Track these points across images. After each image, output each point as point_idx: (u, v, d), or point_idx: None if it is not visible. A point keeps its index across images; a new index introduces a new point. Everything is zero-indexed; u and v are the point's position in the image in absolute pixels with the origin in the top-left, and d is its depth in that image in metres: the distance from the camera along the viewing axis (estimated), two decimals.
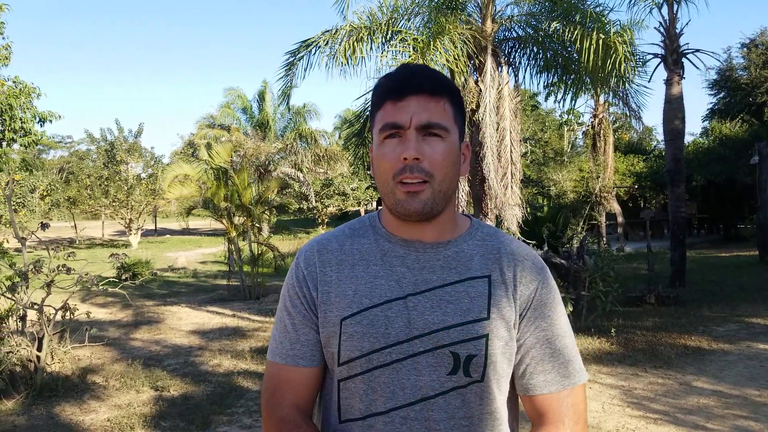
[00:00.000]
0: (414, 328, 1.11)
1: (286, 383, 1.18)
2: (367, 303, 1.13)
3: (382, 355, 1.11)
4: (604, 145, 19.55)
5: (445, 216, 1.17)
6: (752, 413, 4.53)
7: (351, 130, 10.19)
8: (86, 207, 28.27)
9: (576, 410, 1.18)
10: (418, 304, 1.12)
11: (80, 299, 10.46)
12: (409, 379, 1.11)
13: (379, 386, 1.12)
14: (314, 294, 1.17)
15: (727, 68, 24.37)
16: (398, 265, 1.16)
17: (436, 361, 1.11)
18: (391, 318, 1.12)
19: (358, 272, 1.17)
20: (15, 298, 5.40)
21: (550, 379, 1.17)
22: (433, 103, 1.11)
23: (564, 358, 1.18)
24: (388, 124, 1.11)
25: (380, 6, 8.53)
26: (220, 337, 7.77)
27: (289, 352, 1.18)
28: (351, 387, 1.15)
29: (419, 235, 1.17)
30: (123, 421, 4.60)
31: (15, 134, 13.35)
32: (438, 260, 1.16)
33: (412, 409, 1.11)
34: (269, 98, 30.86)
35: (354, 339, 1.12)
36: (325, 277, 1.18)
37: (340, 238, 1.23)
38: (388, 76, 1.17)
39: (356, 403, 1.14)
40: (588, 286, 7.41)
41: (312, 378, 1.19)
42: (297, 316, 1.18)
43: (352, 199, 35.59)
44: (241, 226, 12.34)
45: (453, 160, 1.13)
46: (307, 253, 1.22)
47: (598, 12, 7.70)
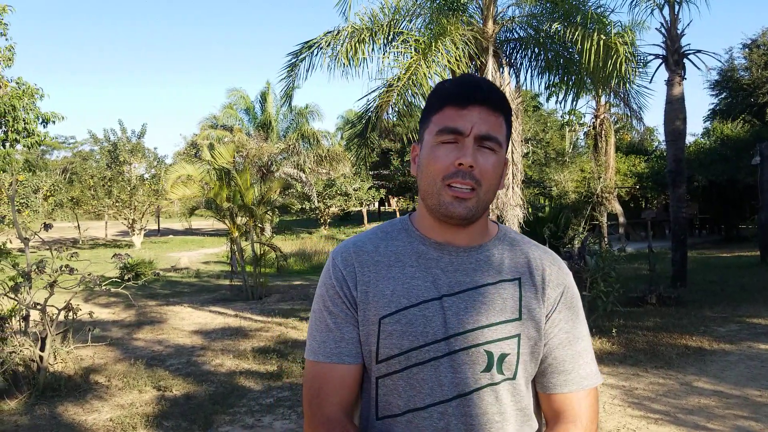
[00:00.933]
0: (450, 328, 1.16)
1: (330, 382, 1.20)
2: (405, 303, 1.18)
3: (421, 352, 1.16)
4: (606, 145, 19.55)
5: (479, 223, 1.23)
6: (753, 413, 4.54)
7: (353, 130, 10.20)
8: (89, 207, 28.32)
9: (592, 410, 1.23)
10: (452, 304, 1.17)
11: (83, 299, 10.49)
12: (447, 376, 1.15)
13: (418, 383, 1.16)
14: (354, 293, 1.21)
15: (728, 69, 24.35)
16: (433, 267, 1.21)
17: (471, 359, 1.16)
18: (428, 317, 1.16)
19: (394, 273, 1.21)
20: (18, 299, 5.43)
21: (569, 380, 1.22)
22: (493, 117, 1.16)
23: (584, 360, 1.24)
24: (448, 128, 1.15)
25: (382, 7, 8.55)
26: (223, 337, 7.79)
27: (334, 350, 1.20)
28: (389, 384, 1.19)
29: (452, 239, 1.22)
30: (125, 420, 4.62)
31: (18, 135, 13.40)
32: (470, 263, 1.21)
33: (450, 405, 1.15)
34: (272, 99, 30.94)
35: (393, 337, 1.16)
36: (364, 277, 1.21)
37: (374, 240, 1.27)
38: (453, 82, 1.21)
39: (395, 400, 1.18)
40: (589, 286, 7.40)
41: (356, 375, 1.22)
42: (339, 315, 1.21)
43: (354, 199, 35.60)
44: (243, 227, 12.38)
45: (499, 174, 1.19)
46: (344, 254, 1.25)
47: (599, 13, 7.70)
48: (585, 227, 8.87)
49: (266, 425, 4.56)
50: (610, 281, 7.35)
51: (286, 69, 8.93)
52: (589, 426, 1.22)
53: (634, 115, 13.05)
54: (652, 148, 29.10)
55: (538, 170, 25.92)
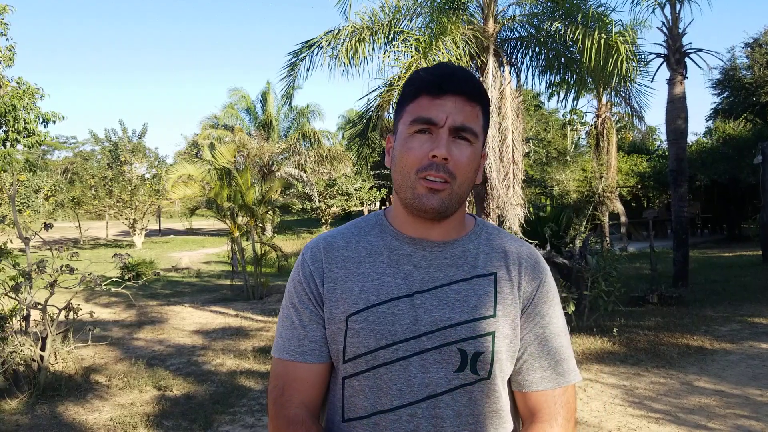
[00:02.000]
0: (421, 326, 1.11)
1: (294, 381, 1.17)
2: (373, 300, 1.13)
3: (389, 352, 1.11)
4: (608, 144, 19.51)
5: (455, 217, 1.18)
6: (754, 413, 4.53)
7: (354, 130, 10.20)
8: (90, 207, 28.34)
9: (568, 408, 1.19)
10: (425, 301, 1.13)
11: (84, 299, 10.50)
12: (416, 376, 1.11)
13: (385, 383, 1.12)
14: (321, 290, 1.17)
15: (730, 68, 24.30)
16: (405, 263, 1.16)
17: (444, 359, 1.11)
18: (397, 315, 1.12)
19: (364, 269, 1.17)
20: (18, 298, 5.43)
21: (545, 377, 1.18)
22: (469, 107, 1.12)
23: (559, 357, 1.20)
24: (422, 118, 1.11)
25: (382, 6, 8.55)
26: (223, 336, 7.79)
27: (297, 348, 1.17)
28: (356, 385, 1.14)
29: (426, 234, 1.17)
30: (126, 420, 4.62)
31: (19, 135, 13.41)
32: (445, 258, 1.17)
33: (419, 407, 1.11)
34: (272, 99, 30.96)
35: (360, 335, 1.12)
36: (332, 274, 1.17)
37: (346, 236, 1.23)
38: (427, 70, 1.15)
39: (361, 401, 1.14)
40: (590, 285, 7.40)
41: (321, 374, 1.18)
42: (305, 312, 1.17)
43: (356, 199, 35.59)
44: (244, 226, 12.38)
45: (474, 167, 1.15)
46: (313, 250, 1.21)
47: (600, 12, 7.70)
48: (586, 227, 8.84)
49: (266, 425, 4.53)
50: (612, 281, 7.35)
51: (287, 68, 8.94)
52: (566, 425, 1.18)
53: (636, 115, 13.04)
54: (653, 147, 29.08)
55: (539, 169, 25.92)
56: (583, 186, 22.08)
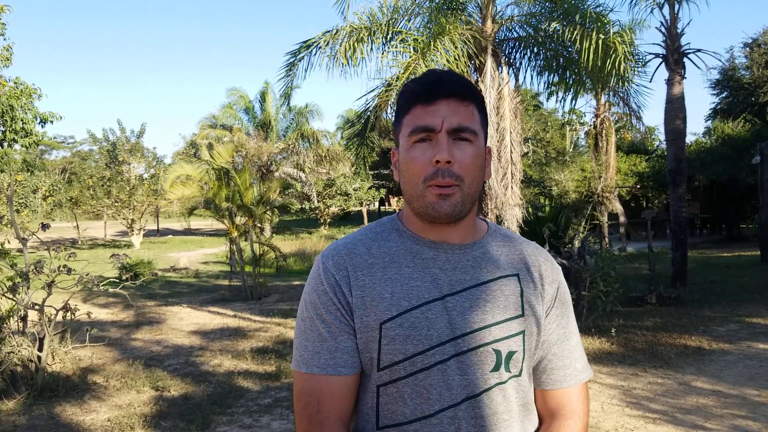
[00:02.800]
0: (456, 328, 1.12)
1: (329, 395, 1.13)
2: (406, 305, 1.12)
3: (426, 356, 1.11)
4: (606, 144, 19.51)
5: (469, 219, 1.19)
6: (751, 413, 4.53)
7: (353, 130, 10.21)
8: (88, 207, 28.33)
9: (586, 404, 1.25)
10: (456, 304, 1.13)
11: (81, 300, 10.48)
12: (455, 378, 1.11)
13: (425, 389, 1.11)
14: (349, 299, 1.14)
15: (729, 68, 24.33)
16: (431, 266, 1.16)
17: (480, 360, 1.12)
18: (431, 319, 1.12)
19: (390, 274, 1.15)
20: (16, 299, 5.42)
21: (568, 374, 1.23)
22: (462, 107, 1.13)
23: (577, 355, 1.25)
24: (419, 127, 1.12)
25: (380, 6, 8.55)
26: (221, 337, 7.78)
27: (329, 361, 1.13)
28: (393, 392, 1.13)
29: (446, 237, 1.18)
30: (123, 421, 4.62)
31: (16, 135, 13.39)
32: (468, 260, 1.17)
33: (459, 408, 1.11)
34: (271, 98, 30.96)
35: (396, 342, 1.11)
36: (358, 282, 1.15)
37: (365, 241, 1.21)
38: (416, 81, 1.16)
39: (400, 408, 1.12)
40: (589, 286, 7.40)
41: (354, 386, 1.16)
42: (333, 323, 1.14)
43: (354, 199, 35.61)
44: (242, 227, 12.36)
45: (480, 164, 1.15)
46: (336, 258, 1.18)
47: (598, 12, 7.70)
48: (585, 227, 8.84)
49: (264, 425, 4.55)
50: (610, 281, 7.35)
51: (285, 68, 8.94)
52: (585, 420, 1.24)
53: (634, 115, 13.08)
54: (652, 147, 29.08)
55: (538, 170, 25.93)
56: (582, 186, 22.09)
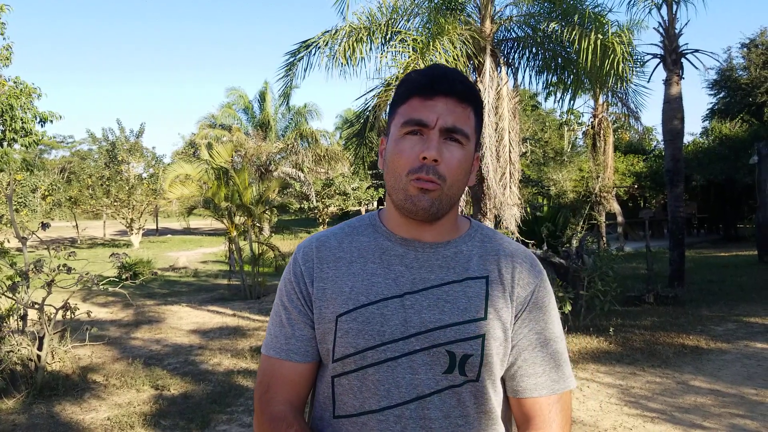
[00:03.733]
0: (410, 327, 1.11)
1: (279, 378, 1.18)
2: (363, 300, 1.13)
3: (377, 352, 1.11)
4: (604, 144, 19.54)
5: (447, 219, 1.18)
6: (748, 412, 4.56)
7: (352, 130, 10.22)
8: (88, 207, 28.30)
9: (564, 416, 1.18)
10: (415, 302, 1.12)
11: (81, 299, 10.49)
12: (404, 377, 1.10)
13: (373, 384, 1.12)
14: (310, 290, 1.17)
15: (727, 68, 24.36)
16: (396, 264, 1.16)
17: (432, 360, 1.10)
18: (386, 316, 1.12)
19: (355, 269, 1.16)
20: (16, 298, 5.43)
21: (541, 383, 1.17)
22: (460, 108, 1.12)
23: (555, 362, 1.18)
24: (413, 119, 1.10)
25: (380, 6, 8.56)
26: (221, 336, 7.80)
27: (283, 346, 1.18)
28: (345, 383, 1.14)
29: (419, 235, 1.17)
30: (123, 419, 4.63)
31: (16, 134, 13.39)
32: (437, 260, 1.16)
33: (407, 408, 1.10)
34: (270, 98, 30.91)
35: (349, 336, 1.12)
36: (322, 274, 1.17)
37: (339, 236, 1.23)
38: (419, 72, 1.15)
39: (350, 400, 1.14)
40: (587, 285, 7.43)
41: (306, 373, 1.18)
42: (293, 311, 1.18)
43: (353, 199, 35.59)
44: (241, 226, 12.38)
45: (466, 169, 1.14)
46: (305, 249, 1.22)
47: (597, 12, 7.71)
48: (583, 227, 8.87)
49: None
50: (608, 280, 7.37)
51: (284, 68, 8.94)
52: (563, 430, 1.17)
53: (632, 115, 13.08)
54: (650, 147, 29.10)
55: (536, 169, 25.93)
56: (580, 186, 22.10)
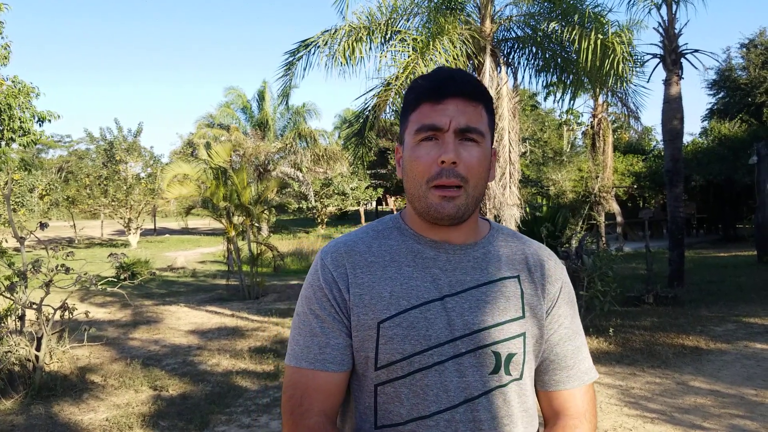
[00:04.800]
0: (455, 329, 1.10)
1: (314, 389, 1.13)
2: (405, 305, 1.11)
3: (424, 357, 1.10)
4: (604, 144, 19.57)
5: (472, 219, 1.18)
6: (748, 412, 4.55)
7: (351, 129, 10.20)
8: (85, 206, 28.28)
9: (593, 405, 1.22)
10: (456, 305, 1.12)
11: (79, 299, 10.47)
12: (453, 380, 1.10)
13: (422, 389, 1.10)
14: (346, 296, 1.14)
15: (726, 68, 24.40)
16: (431, 266, 1.15)
17: (479, 362, 1.11)
18: (430, 319, 1.11)
19: (390, 273, 1.14)
20: (14, 298, 5.41)
21: (572, 375, 1.20)
22: (471, 107, 1.11)
23: (583, 355, 1.22)
24: (426, 125, 1.10)
25: (379, 6, 8.55)
26: (219, 336, 7.78)
27: (318, 356, 1.13)
28: (390, 391, 1.12)
29: (447, 237, 1.17)
30: (121, 420, 4.61)
31: (14, 134, 13.36)
32: (468, 261, 1.16)
33: (457, 411, 1.10)
34: (269, 98, 30.91)
35: (394, 342, 1.10)
36: (357, 279, 1.14)
37: (366, 240, 1.20)
38: (425, 77, 1.15)
39: (397, 408, 1.11)
40: (586, 285, 7.41)
41: (341, 383, 1.15)
42: (327, 319, 1.14)
43: (352, 198, 35.61)
44: (240, 226, 12.35)
45: (486, 166, 1.14)
46: (334, 255, 1.18)
47: (597, 12, 7.71)
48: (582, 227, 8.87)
49: (263, 425, 4.55)
50: (608, 281, 7.36)
51: (283, 68, 8.92)
52: (593, 421, 1.20)
53: (632, 115, 13.10)
54: (649, 147, 29.13)
55: (535, 169, 25.95)
56: (579, 186, 22.11)
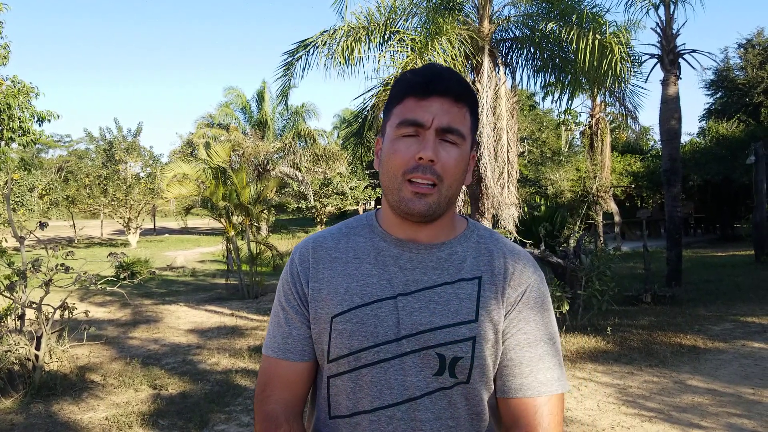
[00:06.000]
0: (402, 329, 1.11)
1: (276, 377, 1.19)
2: (357, 301, 1.13)
3: (370, 353, 1.11)
4: (601, 144, 19.58)
5: (444, 219, 1.17)
6: (746, 411, 4.57)
7: (350, 129, 10.22)
8: (85, 206, 28.25)
9: (552, 420, 1.13)
10: (407, 304, 1.12)
11: (78, 298, 10.47)
12: (396, 379, 1.11)
13: (366, 385, 1.12)
14: (306, 290, 1.18)
15: (724, 68, 24.43)
16: (391, 265, 1.16)
17: (422, 362, 1.11)
18: (380, 317, 1.12)
19: (350, 270, 1.17)
20: (13, 297, 5.43)
21: (526, 384, 1.13)
22: (456, 108, 1.11)
23: (544, 365, 1.15)
24: (408, 120, 1.10)
25: (378, 6, 8.56)
26: (219, 335, 7.79)
27: (281, 346, 1.19)
28: (339, 384, 1.15)
29: (414, 236, 1.17)
30: (121, 419, 4.63)
31: (13, 134, 13.37)
32: (431, 261, 1.16)
33: (398, 409, 1.11)
34: (268, 98, 30.90)
35: (343, 336, 1.12)
36: (318, 274, 1.18)
37: (336, 236, 1.23)
38: (414, 72, 1.14)
39: (344, 401, 1.15)
40: (584, 285, 7.44)
41: (303, 373, 1.19)
42: (290, 311, 1.19)
43: (351, 198, 35.57)
44: (239, 226, 12.36)
45: (463, 168, 1.14)
46: (302, 250, 1.22)
47: (595, 13, 7.73)
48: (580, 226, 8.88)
49: None
50: (606, 280, 7.39)
51: (283, 68, 8.94)
52: None
53: (630, 115, 13.11)
54: (647, 147, 29.15)
55: (533, 169, 25.97)
56: (577, 186, 22.15)
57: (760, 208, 14.69)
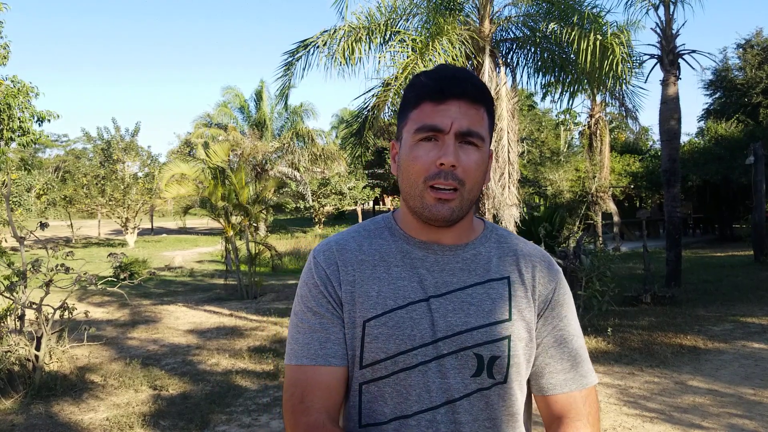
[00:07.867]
0: (438, 330, 1.10)
1: (316, 386, 1.11)
2: (391, 305, 1.11)
3: (408, 357, 1.10)
4: (601, 144, 19.61)
5: (465, 221, 1.16)
6: (747, 412, 4.57)
7: (349, 129, 10.20)
8: (82, 206, 28.22)
9: (593, 410, 1.18)
10: (440, 306, 1.11)
11: (77, 299, 10.46)
12: (435, 381, 1.10)
13: (405, 389, 1.10)
14: (339, 292, 1.14)
15: (722, 69, 24.45)
16: (419, 267, 1.14)
17: (461, 363, 1.10)
18: (415, 320, 1.11)
19: (379, 273, 1.15)
20: (13, 298, 5.41)
21: (569, 379, 1.17)
22: (473, 110, 1.10)
23: (580, 358, 1.19)
24: (426, 126, 1.08)
25: (379, 6, 8.55)
26: (218, 336, 7.78)
27: (319, 351, 1.12)
28: (374, 390, 1.12)
29: (437, 238, 1.16)
30: (122, 420, 4.61)
31: (13, 133, 13.34)
32: (457, 263, 1.15)
33: (438, 412, 1.10)
34: (266, 97, 30.93)
35: (379, 341, 1.10)
36: (348, 277, 1.15)
37: (357, 239, 1.20)
38: (428, 75, 1.13)
39: (380, 407, 1.12)
40: (584, 285, 7.44)
41: (342, 378, 1.13)
42: (326, 315, 1.14)
43: (349, 198, 35.57)
44: (238, 226, 12.35)
45: (483, 170, 1.13)
46: (326, 253, 1.18)
47: (595, 13, 7.72)
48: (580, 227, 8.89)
49: (263, 424, 4.56)
50: (605, 281, 7.39)
51: (282, 68, 8.92)
52: (596, 424, 1.17)
53: (629, 115, 13.09)
54: (646, 147, 29.22)
55: (533, 169, 25.99)
56: (577, 186, 22.16)
57: (759, 208, 14.71)
